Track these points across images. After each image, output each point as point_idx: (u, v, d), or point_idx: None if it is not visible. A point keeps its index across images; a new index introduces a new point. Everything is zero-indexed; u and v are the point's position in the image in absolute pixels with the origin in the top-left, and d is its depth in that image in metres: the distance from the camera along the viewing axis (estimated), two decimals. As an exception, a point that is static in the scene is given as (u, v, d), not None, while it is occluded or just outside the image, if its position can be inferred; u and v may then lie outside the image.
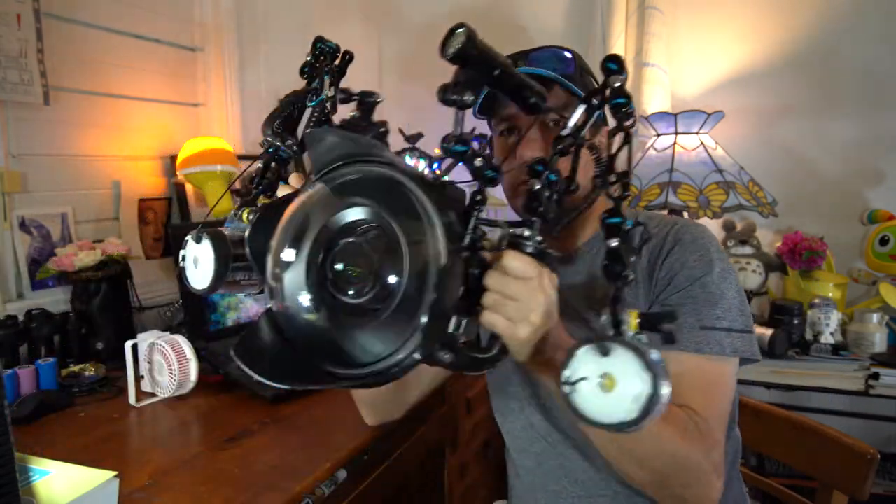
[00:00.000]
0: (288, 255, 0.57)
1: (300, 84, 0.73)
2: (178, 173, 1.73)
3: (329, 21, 2.33)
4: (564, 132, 0.61)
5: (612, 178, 0.59)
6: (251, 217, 0.64)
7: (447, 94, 0.55)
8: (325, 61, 0.71)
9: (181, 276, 0.67)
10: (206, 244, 0.63)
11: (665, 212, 1.62)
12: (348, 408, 1.17)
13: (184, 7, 1.83)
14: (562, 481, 0.93)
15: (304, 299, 0.56)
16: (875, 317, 1.71)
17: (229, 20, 1.90)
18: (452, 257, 0.52)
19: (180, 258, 0.66)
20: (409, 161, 1.93)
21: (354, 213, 0.56)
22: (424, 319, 0.51)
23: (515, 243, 0.57)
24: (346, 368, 0.55)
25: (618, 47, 1.93)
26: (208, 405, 1.19)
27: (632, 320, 0.52)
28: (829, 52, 1.91)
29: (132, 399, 1.17)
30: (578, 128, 0.60)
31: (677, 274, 0.82)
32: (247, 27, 1.96)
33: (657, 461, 0.73)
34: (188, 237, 0.66)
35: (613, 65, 0.58)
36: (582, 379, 0.49)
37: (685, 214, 1.70)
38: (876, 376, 1.60)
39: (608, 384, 0.48)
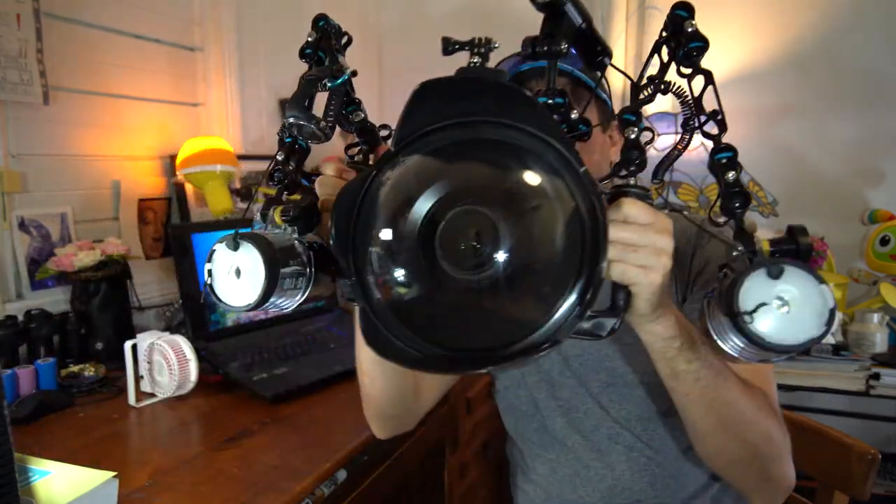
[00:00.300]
0: (386, 234, 0.52)
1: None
2: (177, 173, 1.73)
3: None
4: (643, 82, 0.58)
5: (703, 118, 0.56)
6: (289, 214, 0.58)
7: (538, 46, 0.53)
8: (333, 40, 0.65)
9: (211, 294, 0.56)
10: (249, 250, 0.54)
11: (667, 211, 1.62)
12: (348, 408, 1.17)
13: (184, 7, 1.83)
14: (578, 490, 0.92)
15: (424, 283, 0.51)
16: (875, 317, 1.71)
17: (229, 20, 1.90)
18: (594, 211, 0.49)
19: (206, 274, 0.56)
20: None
21: (463, 177, 0.52)
22: (580, 281, 0.48)
23: (623, 193, 0.55)
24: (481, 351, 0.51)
25: (618, 47, 1.93)
26: (208, 405, 1.19)
27: (764, 246, 0.51)
28: (829, 53, 1.92)
29: (132, 399, 1.17)
30: (661, 73, 0.57)
31: (711, 262, 0.83)
32: (247, 27, 1.96)
33: (749, 433, 0.72)
34: (218, 246, 0.55)
35: (683, 12, 0.56)
36: (762, 305, 0.47)
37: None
38: (877, 376, 1.60)
39: (784, 306, 0.46)
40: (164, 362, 1.17)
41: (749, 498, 0.84)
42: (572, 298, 0.49)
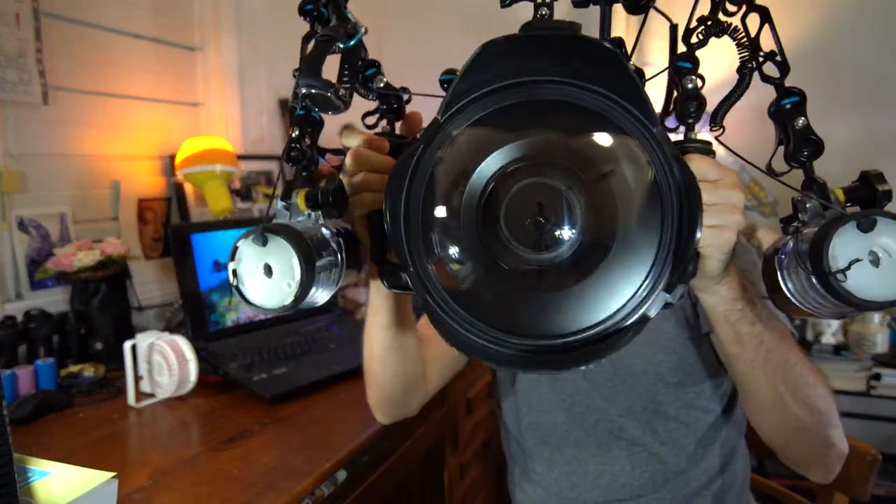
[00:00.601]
0: (442, 214, 0.47)
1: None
2: (177, 173, 1.73)
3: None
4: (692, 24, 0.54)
5: (761, 58, 0.52)
6: (320, 198, 0.53)
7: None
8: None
9: (239, 295, 0.50)
10: (280, 245, 0.48)
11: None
12: (348, 408, 1.17)
13: (183, 7, 1.83)
14: (577, 487, 0.92)
15: (491, 267, 0.46)
16: (876, 317, 1.71)
17: (229, 20, 1.90)
18: (673, 175, 0.45)
19: (231, 274, 0.50)
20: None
21: (524, 148, 0.46)
22: (665, 253, 0.44)
23: (689, 150, 0.52)
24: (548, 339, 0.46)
25: (618, 47, 1.93)
26: (208, 405, 1.18)
27: (840, 195, 0.49)
28: (829, 52, 1.92)
29: (131, 399, 1.17)
30: (713, 12, 0.53)
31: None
32: (247, 27, 1.96)
33: (814, 395, 0.71)
34: (242, 242, 0.50)
35: None
36: (856, 261, 0.43)
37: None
38: (877, 377, 1.60)
39: (879, 259, 0.44)
40: (163, 362, 1.17)
41: (807, 470, 0.80)
42: (657, 272, 0.45)
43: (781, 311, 0.56)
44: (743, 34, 0.52)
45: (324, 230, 0.53)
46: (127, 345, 1.18)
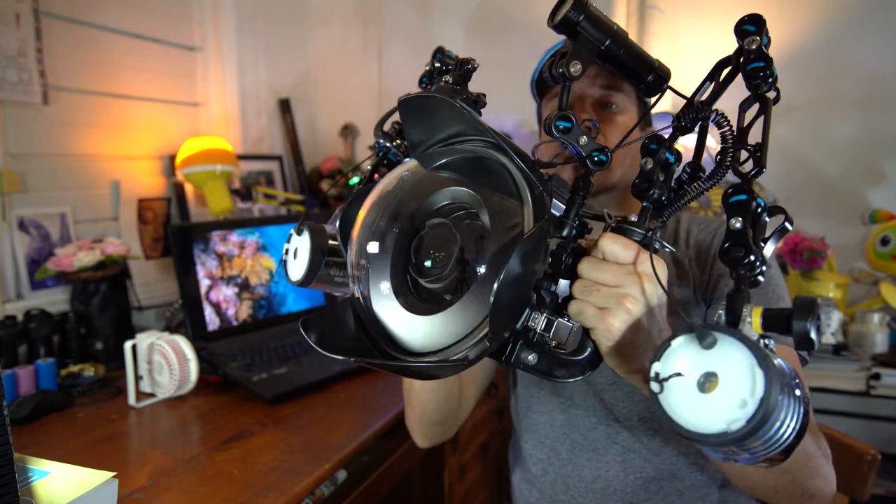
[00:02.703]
0: (372, 247, 0.56)
1: (300, 83, 0.73)
2: (177, 173, 1.73)
3: (328, 21, 2.33)
4: (686, 107, 0.52)
5: (744, 152, 0.48)
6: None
7: (553, 69, 0.51)
8: (449, 67, 0.66)
9: (283, 268, 0.68)
10: (305, 235, 0.65)
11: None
12: (348, 408, 1.17)
13: (184, 7, 1.83)
14: (571, 490, 0.92)
15: (385, 287, 0.55)
16: (876, 317, 1.71)
17: (229, 20, 1.90)
18: (537, 235, 0.46)
19: (283, 251, 0.68)
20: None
21: (447, 196, 0.55)
22: (492, 300, 0.45)
23: (620, 230, 0.51)
24: (413, 356, 0.53)
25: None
26: (208, 405, 1.18)
27: (754, 318, 0.42)
28: (829, 52, 1.91)
29: (131, 399, 1.17)
30: (709, 100, 0.51)
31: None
32: (247, 27, 1.96)
33: (791, 457, 0.68)
34: (293, 230, 0.67)
35: (751, 26, 0.49)
36: (676, 374, 0.38)
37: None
38: (877, 377, 1.60)
39: (709, 385, 0.37)
40: (163, 362, 1.17)
41: None
42: (486, 326, 0.48)
43: None
44: (727, 128, 0.50)
45: None
46: (127, 345, 1.18)
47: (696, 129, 0.53)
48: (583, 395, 0.91)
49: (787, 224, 0.49)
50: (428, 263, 0.54)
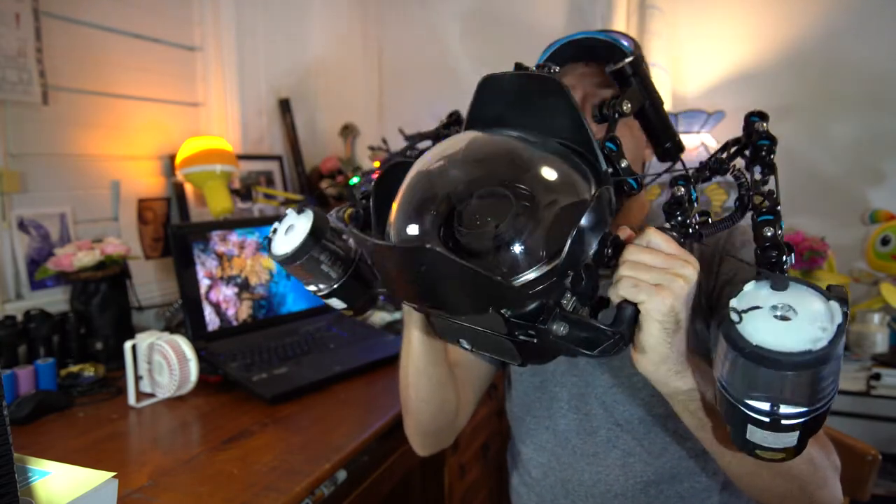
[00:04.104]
0: (413, 229, 0.55)
1: (300, 83, 0.76)
2: (177, 173, 1.73)
3: (328, 21, 2.33)
4: (707, 160, 0.61)
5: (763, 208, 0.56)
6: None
7: (603, 110, 0.58)
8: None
9: (266, 244, 0.69)
10: (308, 214, 0.66)
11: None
12: (348, 408, 1.17)
13: (184, 7, 1.83)
14: (571, 494, 0.92)
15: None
16: (876, 317, 1.71)
17: (229, 20, 1.90)
18: (591, 227, 0.50)
19: (272, 229, 0.69)
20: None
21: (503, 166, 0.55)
22: (532, 276, 0.49)
23: (662, 228, 0.56)
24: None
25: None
26: (208, 405, 1.18)
27: None
28: (829, 52, 1.92)
29: (131, 399, 1.17)
30: (723, 162, 0.60)
31: (738, 272, 0.81)
32: (247, 27, 1.96)
33: (799, 465, 0.65)
34: (290, 209, 0.68)
35: (757, 117, 0.60)
36: (754, 308, 0.45)
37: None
38: (877, 377, 1.60)
39: (788, 316, 0.44)
40: (163, 362, 1.16)
41: None
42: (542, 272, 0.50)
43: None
44: (744, 179, 0.58)
45: (352, 240, 0.67)
46: (127, 345, 1.18)
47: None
48: (583, 399, 0.91)
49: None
50: (472, 224, 0.53)
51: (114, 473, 0.56)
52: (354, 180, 1.91)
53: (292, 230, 0.66)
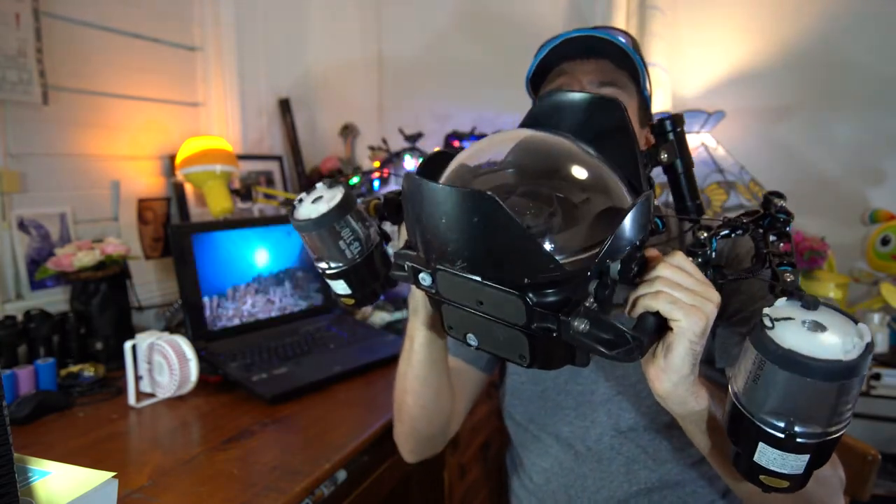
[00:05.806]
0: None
1: (300, 83, 0.77)
2: (177, 173, 1.73)
3: (328, 21, 2.33)
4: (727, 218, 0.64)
5: (782, 266, 0.58)
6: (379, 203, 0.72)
7: (645, 158, 0.63)
8: None
9: (290, 213, 0.69)
10: (339, 189, 0.68)
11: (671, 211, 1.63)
12: (348, 408, 1.17)
13: (183, 7, 1.83)
14: (573, 501, 0.92)
15: None
16: (876, 317, 1.71)
17: (229, 20, 1.89)
18: (633, 224, 0.52)
19: (298, 198, 0.70)
20: (409, 160, 1.93)
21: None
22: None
23: (688, 252, 0.59)
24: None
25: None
26: (208, 406, 1.18)
27: None
28: (829, 52, 1.91)
29: (131, 399, 1.17)
30: (746, 224, 0.63)
31: (743, 283, 0.80)
32: (247, 27, 1.96)
33: (812, 485, 0.66)
34: (320, 183, 0.71)
35: (775, 195, 0.64)
36: (787, 318, 0.48)
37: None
38: (877, 377, 1.60)
39: (819, 330, 0.47)
40: (163, 362, 1.16)
41: None
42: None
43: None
44: (762, 241, 0.62)
45: (375, 226, 0.70)
46: (127, 345, 1.18)
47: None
48: (588, 407, 0.91)
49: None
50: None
51: (114, 473, 0.56)
52: (354, 180, 1.92)
53: (320, 201, 0.68)
